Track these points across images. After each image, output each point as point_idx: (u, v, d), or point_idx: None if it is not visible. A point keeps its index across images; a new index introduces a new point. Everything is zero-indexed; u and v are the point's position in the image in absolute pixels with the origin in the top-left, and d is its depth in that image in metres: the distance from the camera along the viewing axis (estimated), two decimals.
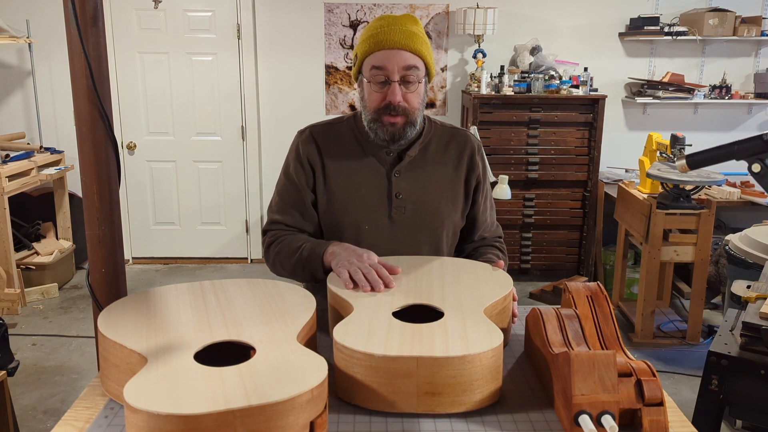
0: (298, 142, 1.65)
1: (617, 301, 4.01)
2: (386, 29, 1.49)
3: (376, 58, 1.48)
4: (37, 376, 3.17)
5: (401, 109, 1.49)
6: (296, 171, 1.62)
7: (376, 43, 1.48)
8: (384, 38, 1.47)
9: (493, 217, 1.75)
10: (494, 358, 1.01)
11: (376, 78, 1.49)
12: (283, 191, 1.65)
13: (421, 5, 4.57)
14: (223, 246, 4.95)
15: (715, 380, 1.71)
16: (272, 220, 1.65)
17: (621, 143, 4.75)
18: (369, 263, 1.32)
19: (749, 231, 2.99)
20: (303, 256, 1.51)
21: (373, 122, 1.53)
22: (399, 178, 1.58)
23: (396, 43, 1.47)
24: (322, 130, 1.64)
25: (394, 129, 1.51)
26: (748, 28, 4.45)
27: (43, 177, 4.17)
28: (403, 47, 1.47)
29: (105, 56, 1.26)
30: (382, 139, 1.53)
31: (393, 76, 1.47)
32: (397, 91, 1.48)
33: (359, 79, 1.56)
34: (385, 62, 1.47)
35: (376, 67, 1.48)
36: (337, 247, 1.45)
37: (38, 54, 4.45)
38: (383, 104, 1.49)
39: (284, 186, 1.65)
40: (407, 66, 1.47)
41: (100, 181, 1.27)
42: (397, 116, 1.50)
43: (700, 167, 1.83)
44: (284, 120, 4.72)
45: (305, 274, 1.53)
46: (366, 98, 1.54)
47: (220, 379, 0.90)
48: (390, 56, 1.47)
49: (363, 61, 1.52)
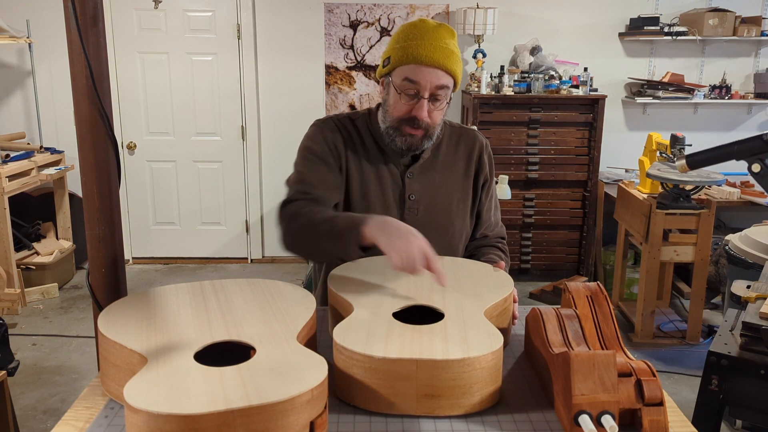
0: (319, 128, 1.58)
1: (617, 301, 4.01)
2: (426, 43, 1.45)
3: (410, 71, 1.45)
4: (37, 376, 3.17)
5: (424, 124, 1.48)
6: (322, 149, 1.54)
7: (414, 57, 1.44)
8: (423, 52, 1.44)
9: (497, 217, 1.74)
10: (494, 360, 1.01)
11: (406, 90, 1.46)
12: (306, 166, 1.54)
13: (421, 5, 4.57)
14: (223, 246, 4.95)
15: (715, 380, 1.71)
16: (298, 191, 1.50)
17: (621, 143, 4.75)
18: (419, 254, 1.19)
19: (749, 231, 2.99)
20: (337, 227, 1.35)
21: (393, 129, 1.51)
22: (412, 180, 1.58)
23: (434, 61, 1.44)
24: (344, 123, 1.61)
25: (412, 140, 1.50)
26: (748, 28, 4.45)
27: (43, 177, 4.17)
28: (439, 66, 1.44)
29: (105, 56, 1.26)
30: (398, 146, 1.52)
31: (424, 93, 1.45)
32: (425, 108, 1.46)
33: (386, 80, 1.53)
34: (419, 78, 1.44)
35: (409, 80, 1.45)
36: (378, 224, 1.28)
37: (38, 54, 4.45)
38: (408, 116, 1.48)
39: (308, 161, 1.54)
40: (440, 86, 1.45)
41: (100, 181, 1.27)
42: (418, 129, 1.49)
43: (700, 167, 1.84)
44: (284, 120, 4.72)
45: (335, 249, 1.36)
46: (390, 104, 1.51)
47: (220, 379, 0.90)
48: (425, 73, 1.44)
49: (396, 67, 1.48)
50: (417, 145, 1.52)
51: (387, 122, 1.53)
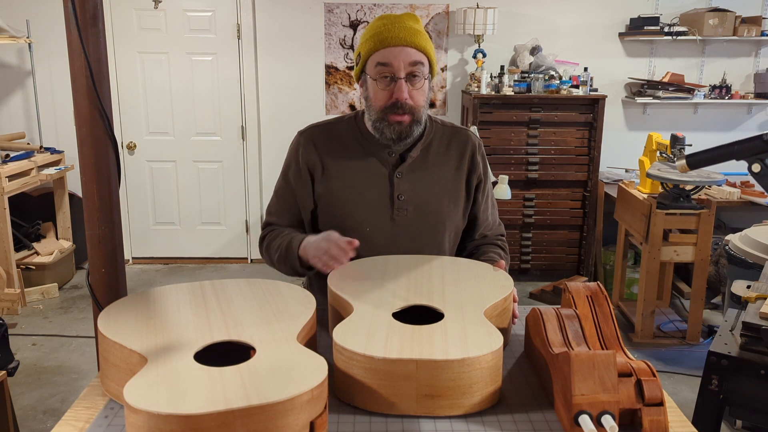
0: (297, 144, 1.64)
1: (617, 301, 4.00)
2: (389, 27, 1.49)
3: (381, 55, 1.48)
4: (37, 376, 3.17)
5: (408, 107, 1.49)
6: (294, 175, 1.64)
7: (381, 40, 1.48)
8: (389, 35, 1.47)
9: (495, 216, 1.74)
10: (494, 360, 1.01)
11: (381, 75, 1.48)
12: (280, 193, 1.69)
13: (421, 5, 4.57)
14: (223, 246, 4.95)
15: (715, 380, 1.71)
16: (267, 222, 1.71)
17: (621, 143, 4.75)
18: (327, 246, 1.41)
19: (749, 231, 2.99)
20: (282, 251, 1.56)
21: (379, 121, 1.52)
22: (401, 180, 1.58)
23: (401, 40, 1.47)
24: (322, 131, 1.63)
25: (400, 128, 1.51)
26: (748, 28, 4.45)
27: (43, 177, 4.17)
28: (408, 44, 1.47)
29: (105, 56, 1.26)
30: (388, 138, 1.52)
31: (399, 73, 1.47)
32: (404, 88, 1.48)
33: (362, 78, 1.56)
34: (391, 59, 1.47)
35: (382, 63, 1.48)
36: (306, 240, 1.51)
37: (38, 54, 4.45)
38: (389, 102, 1.49)
39: (281, 188, 1.69)
40: (413, 62, 1.48)
41: (100, 181, 1.27)
42: (404, 114, 1.49)
43: (700, 167, 1.83)
44: (284, 120, 4.72)
45: (287, 269, 1.58)
46: (371, 97, 1.53)
47: (220, 379, 0.90)
48: (395, 53, 1.47)
49: (367, 59, 1.51)
50: (407, 132, 1.52)
51: (372, 117, 1.54)
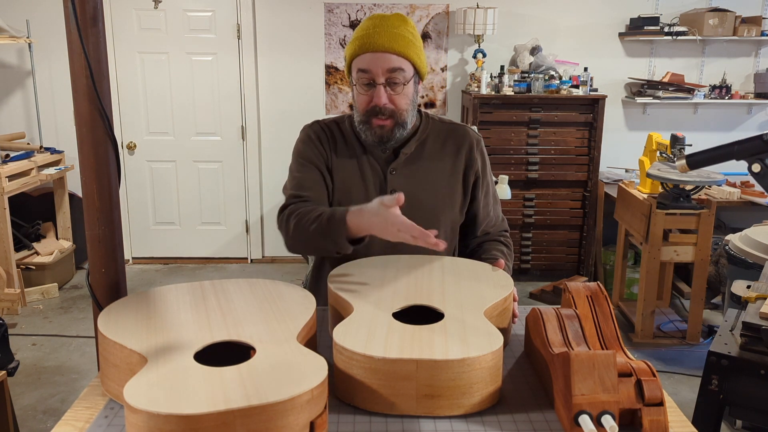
0: (309, 131, 1.65)
1: (617, 301, 4.00)
2: (371, 32, 1.49)
3: (361, 61, 1.49)
4: (37, 376, 3.17)
5: (388, 111, 1.50)
6: (313, 152, 1.61)
7: (361, 45, 1.49)
8: (368, 41, 1.48)
9: (497, 212, 1.74)
10: (494, 360, 1.01)
11: (361, 80, 1.50)
12: (299, 171, 1.60)
13: (421, 5, 4.57)
14: (223, 246, 4.95)
15: (715, 380, 1.71)
16: (291, 196, 1.57)
17: (621, 143, 4.75)
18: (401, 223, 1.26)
19: (749, 231, 2.99)
20: (322, 224, 1.41)
21: (362, 124, 1.55)
22: (395, 176, 1.59)
23: (380, 46, 1.47)
24: (329, 126, 1.66)
25: (382, 132, 1.52)
26: (748, 28, 4.45)
27: (43, 177, 4.17)
28: (387, 50, 1.47)
29: (105, 56, 1.26)
30: (371, 140, 1.55)
31: (377, 79, 1.48)
32: (382, 94, 1.49)
33: (351, 80, 1.57)
34: (370, 65, 1.48)
35: (362, 70, 1.49)
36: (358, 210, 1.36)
37: (38, 54, 4.45)
38: (370, 107, 1.51)
39: (300, 166, 1.61)
40: (391, 68, 1.48)
41: (100, 181, 1.27)
42: (385, 119, 1.51)
43: (700, 167, 1.83)
44: (284, 120, 4.72)
45: (327, 243, 1.42)
46: (356, 100, 1.55)
47: (220, 379, 0.90)
48: (374, 59, 1.47)
49: (351, 63, 1.53)
50: (388, 136, 1.53)
51: (357, 119, 1.56)
